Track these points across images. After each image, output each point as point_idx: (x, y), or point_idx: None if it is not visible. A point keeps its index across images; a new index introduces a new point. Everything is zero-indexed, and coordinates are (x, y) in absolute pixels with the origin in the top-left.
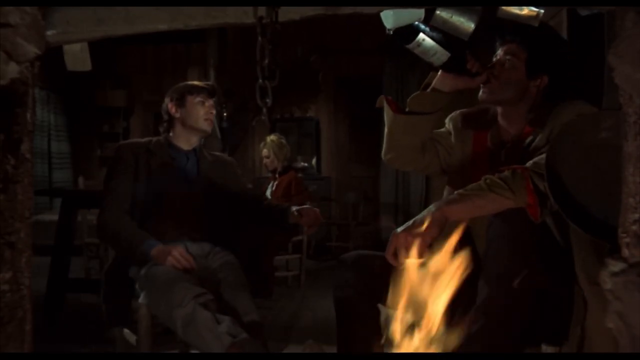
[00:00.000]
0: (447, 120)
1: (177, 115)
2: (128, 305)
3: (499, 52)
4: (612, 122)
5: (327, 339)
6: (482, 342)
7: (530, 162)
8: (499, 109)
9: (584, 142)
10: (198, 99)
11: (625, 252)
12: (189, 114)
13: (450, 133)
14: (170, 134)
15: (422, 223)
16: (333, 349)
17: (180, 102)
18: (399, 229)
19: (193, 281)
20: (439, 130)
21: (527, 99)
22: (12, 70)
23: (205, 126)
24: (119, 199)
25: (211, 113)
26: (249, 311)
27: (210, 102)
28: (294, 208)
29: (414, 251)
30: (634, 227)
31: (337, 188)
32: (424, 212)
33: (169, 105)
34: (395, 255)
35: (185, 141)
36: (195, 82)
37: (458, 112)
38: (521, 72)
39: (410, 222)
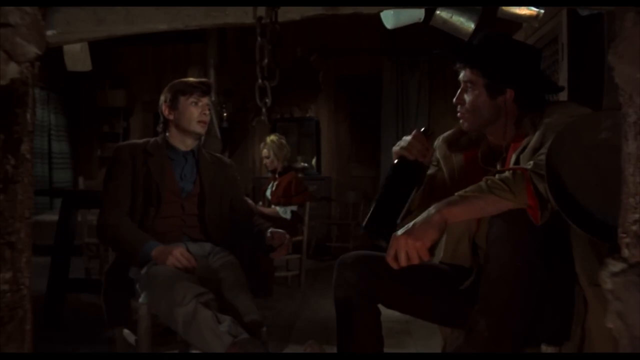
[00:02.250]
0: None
1: (171, 117)
2: (128, 306)
3: (460, 78)
4: (612, 122)
5: (327, 339)
6: (483, 342)
7: (530, 162)
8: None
9: (584, 142)
10: (191, 99)
11: (625, 252)
12: (182, 116)
13: (441, 170)
14: (167, 134)
15: (422, 226)
16: (333, 349)
17: (173, 103)
18: (399, 232)
19: (194, 281)
20: (431, 172)
21: (505, 114)
22: (12, 70)
23: (199, 129)
24: (118, 201)
25: (205, 114)
26: (250, 311)
27: (204, 101)
28: (269, 230)
29: (414, 254)
30: (634, 227)
31: (337, 188)
32: (424, 214)
33: (162, 106)
34: (396, 258)
35: (181, 142)
36: (189, 80)
37: (440, 138)
38: (484, 95)
39: (410, 224)
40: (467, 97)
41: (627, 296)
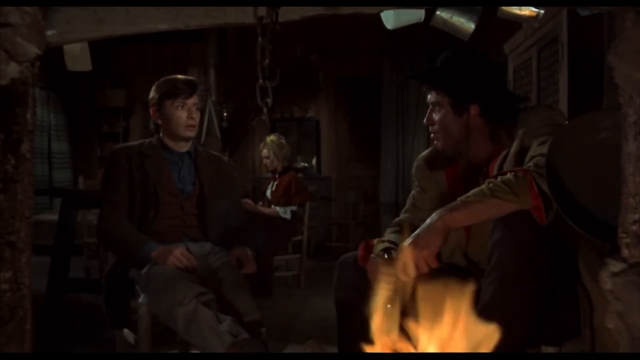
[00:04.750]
0: (413, 172)
1: (159, 121)
2: (129, 307)
3: (428, 100)
4: (612, 122)
5: (327, 339)
6: None
7: (530, 163)
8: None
9: (584, 142)
10: (176, 103)
11: (625, 252)
12: (168, 121)
13: (425, 191)
14: (161, 134)
15: (426, 234)
16: (333, 349)
17: (160, 107)
18: (405, 243)
19: (194, 280)
20: (413, 193)
21: (475, 129)
22: (13, 70)
23: (187, 133)
24: (116, 204)
25: (192, 118)
26: (250, 311)
27: (191, 103)
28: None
29: (422, 263)
30: (634, 227)
31: (337, 188)
32: (427, 222)
33: (150, 110)
34: (405, 269)
35: (174, 144)
36: (175, 81)
37: (420, 158)
38: (450, 114)
39: (415, 234)
40: (436, 117)
41: (627, 296)
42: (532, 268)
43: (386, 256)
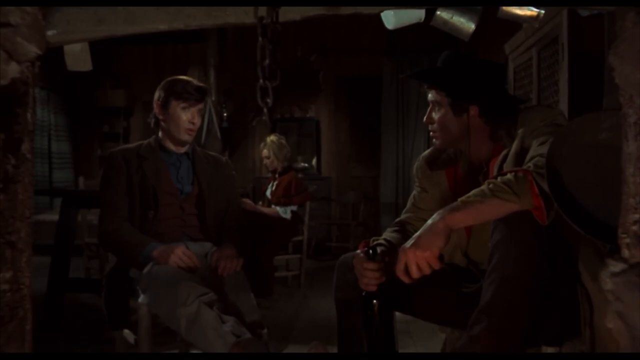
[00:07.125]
0: (414, 172)
1: (161, 117)
2: (129, 307)
3: (428, 98)
4: (612, 122)
5: (328, 339)
6: (485, 343)
7: (530, 163)
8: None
9: (584, 142)
10: (182, 104)
11: (625, 252)
12: (170, 119)
13: (426, 191)
14: (160, 134)
15: (427, 235)
16: (333, 349)
17: (165, 104)
18: (407, 244)
19: (196, 281)
20: (414, 194)
21: (474, 129)
22: (13, 70)
23: (185, 137)
24: (116, 207)
25: (193, 123)
26: (252, 311)
27: (195, 109)
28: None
29: (425, 265)
30: (634, 228)
31: (337, 188)
32: (428, 223)
33: (155, 103)
34: (407, 271)
35: (172, 146)
36: (187, 84)
37: (421, 158)
38: (449, 113)
39: (416, 235)
40: (435, 116)
41: (628, 296)
42: (532, 268)
43: (371, 252)
